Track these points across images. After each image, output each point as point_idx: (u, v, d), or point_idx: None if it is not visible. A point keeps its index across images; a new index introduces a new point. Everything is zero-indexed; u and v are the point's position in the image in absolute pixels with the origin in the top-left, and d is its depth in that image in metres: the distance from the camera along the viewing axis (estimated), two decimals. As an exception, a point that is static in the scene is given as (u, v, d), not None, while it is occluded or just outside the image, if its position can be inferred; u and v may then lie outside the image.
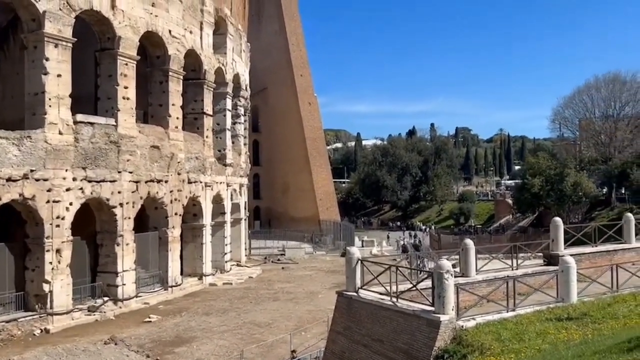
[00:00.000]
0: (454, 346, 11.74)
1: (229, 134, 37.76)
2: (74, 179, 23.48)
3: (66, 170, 23.13)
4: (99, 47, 26.24)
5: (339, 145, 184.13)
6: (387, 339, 13.27)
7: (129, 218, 26.31)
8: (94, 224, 26.07)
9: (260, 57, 60.34)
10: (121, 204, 25.84)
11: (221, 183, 35.94)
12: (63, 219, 22.93)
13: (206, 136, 33.66)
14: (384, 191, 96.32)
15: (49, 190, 22.38)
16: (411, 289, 13.71)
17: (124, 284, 25.94)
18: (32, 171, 21.73)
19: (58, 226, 22.71)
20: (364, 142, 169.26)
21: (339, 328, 15.14)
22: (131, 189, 26.51)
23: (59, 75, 22.85)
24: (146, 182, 27.58)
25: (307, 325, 22.75)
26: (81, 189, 23.83)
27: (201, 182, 32.68)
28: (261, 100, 66.03)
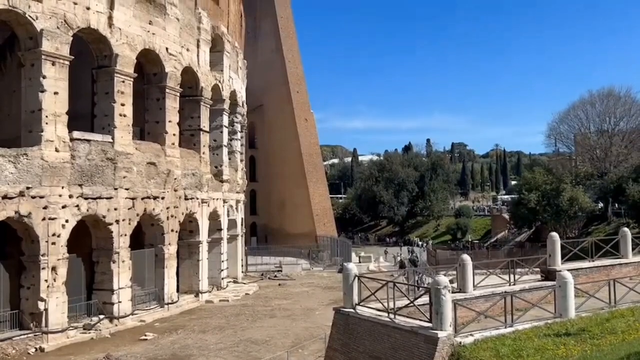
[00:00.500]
0: (452, 363, 11.69)
1: (225, 150, 37.80)
2: (70, 196, 23.42)
3: (62, 188, 23.08)
4: (96, 64, 26.34)
5: (335, 160, 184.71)
6: (385, 355, 13.20)
7: (125, 235, 26.21)
8: (90, 241, 25.96)
9: (257, 74, 60.64)
10: (117, 221, 25.75)
11: (218, 199, 35.90)
12: (59, 236, 22.82)
13: (203, 152, 33.70)
14: (380, 207, 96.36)
15: (45, 208, 22.30)
16: (409, 305, 13.67)
17: (119, 302, 25.76)
18: (28, 188, 21.67)
19: (54, 243, 22.59)
20: (360, 158, 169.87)
21: (337, 345, 15.06)
22: (127, 205, 26.45)
23: (55, 93, 22.89)
24: (142, 198, 27.53)
25: (304, 342, 22.57)
26: (77, 206, 23.76)
27: (198, 199, 32.63)
28: (258, 117, 66.22)
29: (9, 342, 21.42)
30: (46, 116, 22.52)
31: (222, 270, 36.33)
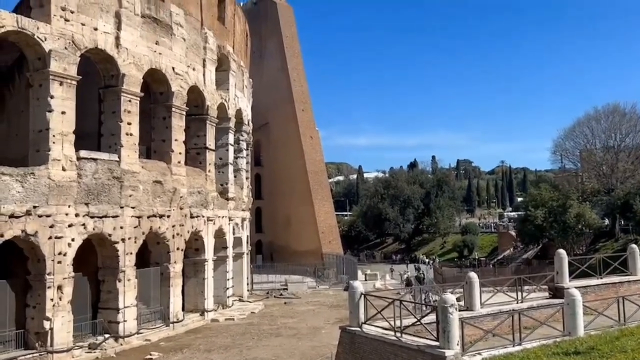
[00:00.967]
0: (460, 382, 11.56)
1: (231, 168, 37.92)
2: (77, 214, 23.51)
3: (69, 206, 23.18)
4: (103, 84, 26.61)
5: (340, 178, 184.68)
6: (392, 375, 13.07)
7: (130, 253, 26.22)
8: (96, 259, 25.97)
9: (263, 93, 61.10)
10: (123, 240, 25.79)
11: (223, 217, 35.91)
12: (65, 255, 22.86)
13: (208, 170, 33.81)
14: (386, 224, 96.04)
15: (52, 227, 22.37)
16: (415, 323, 13.57)
17: (125, 321, 25.67)
18: (35, 207, 21.77)
19: (60, 262, 22.61)
20: (365, 175, 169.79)
21: (343, 364, 14.92)
22: (133, 224, 26.50)
23: (63, 113, 23.10)
24: (148, 217, 27.58)
25: (310, 361, 22.41)
26: (83, 224, 23.83)
27: (203, 217, 32.66)
28: (263, 135, 66.58)
29: (14, 362, 21.33)
30: (53, 135, 22.71)
31: (228, 289, 36.21)
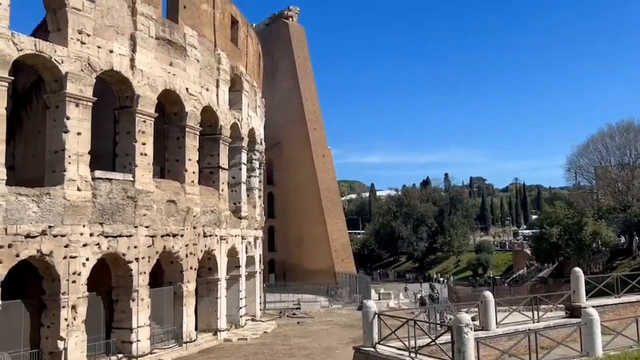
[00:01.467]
0: (476, 404, 11.38)
1: (244, 187, 38.08)
2: (91, 234, 23.69)
3: (84, 226, 23.38)
4: (118, 105, 27.01)
5: (353, 196, 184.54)
6: (407, 396, 12.91)
7: (144, 273, 26.31)
8: (109, 279, 26.10)
9: (275, 112, 61.53)
10: (137, 259, 25.91)
11: (236, 236, 35.98)
12: (79, 274, 22.99)
13: (222, 190, 33.98)
14: (399, 242, 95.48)
15: (67, 246, 22.56)
16: (430, 343, 13.44)
17: (138, 340, 25.67)
18: (50, 227, 21.98)
19: (74, 282, 22.74)
20: (378, 193, 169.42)
21: (357, 385, 14.77)
22: (147, 243, 26.65)
23: (79, 134, 23.43)
24: (162, 236, 27.72)
25: (324, 382, 22.20)
26: (98, 244, 24.00)
27: (216, 236, 32.74)
28: (276, 154, 66.87)
29: (28, 382, 21.38)
30: (69, 156, 23.01)
31: (241, 308, 36.11)
